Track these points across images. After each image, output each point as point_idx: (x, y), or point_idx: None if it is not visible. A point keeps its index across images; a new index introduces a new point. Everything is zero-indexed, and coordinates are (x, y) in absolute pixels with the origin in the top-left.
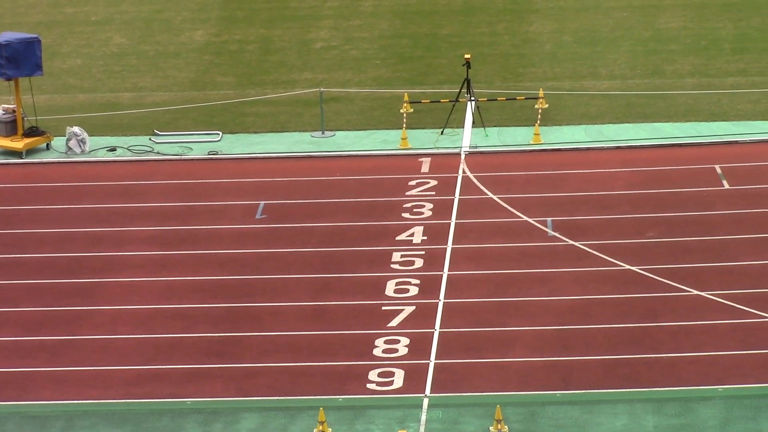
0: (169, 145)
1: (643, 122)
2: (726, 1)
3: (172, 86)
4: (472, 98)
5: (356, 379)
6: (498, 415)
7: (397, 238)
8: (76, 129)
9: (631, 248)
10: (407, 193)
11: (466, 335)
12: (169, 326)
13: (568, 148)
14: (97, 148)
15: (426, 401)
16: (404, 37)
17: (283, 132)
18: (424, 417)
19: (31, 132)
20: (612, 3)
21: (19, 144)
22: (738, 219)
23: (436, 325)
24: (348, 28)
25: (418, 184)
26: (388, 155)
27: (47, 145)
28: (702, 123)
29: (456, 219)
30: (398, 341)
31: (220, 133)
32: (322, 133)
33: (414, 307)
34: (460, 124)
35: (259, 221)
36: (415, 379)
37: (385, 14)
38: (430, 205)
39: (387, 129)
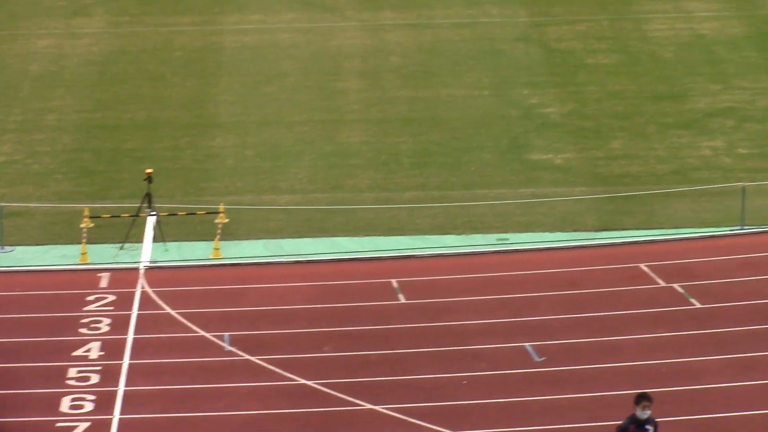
0: None
1: (323, 236)
2: (407, 117)
3: None
4: (153, 213)
5: None
6: None
7: (74, 353)
8: None
9: (309, 362)
10: (85, 309)
11: None
12: None
13: (248, 263)
14: None
15: None
16: (87, 151)
17: None
18: None
19: None
20: (294, 117)
21: None
22: (414, 332)
23: None
24: (31, 142)
25: (97, 299)
26: (67, 270)
27: None
28: (380, 237)
29: (134, 334)
30: None
31: None
32: (2, 249)
33: (89, 423)
34: (140, 239)
35: None
36: None
37: (68, 128)
38: (108, 320)
39: (67, 244)
